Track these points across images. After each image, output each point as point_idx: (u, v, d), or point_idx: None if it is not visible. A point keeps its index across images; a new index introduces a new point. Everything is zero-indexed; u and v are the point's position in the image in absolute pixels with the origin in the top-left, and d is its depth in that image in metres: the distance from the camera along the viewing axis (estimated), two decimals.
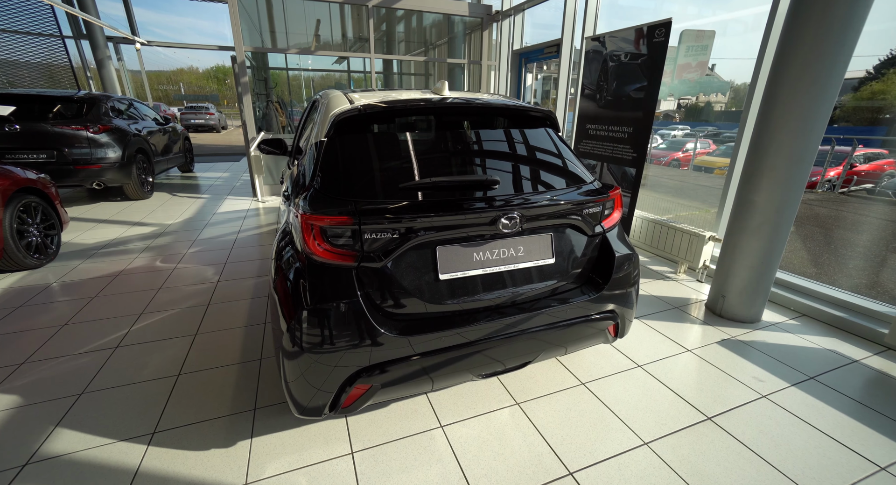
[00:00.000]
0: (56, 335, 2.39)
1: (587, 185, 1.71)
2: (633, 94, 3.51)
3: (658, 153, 14.87)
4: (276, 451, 1.60)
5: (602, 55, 3.83)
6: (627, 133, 3.60)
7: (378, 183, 1.41)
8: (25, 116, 4.71)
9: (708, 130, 17.64)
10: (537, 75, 6.89)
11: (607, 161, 3.88)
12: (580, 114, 4.22)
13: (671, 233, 3.51)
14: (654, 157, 14.73)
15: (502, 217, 1.40)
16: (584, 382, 2.06)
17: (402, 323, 1.38)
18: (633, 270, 1.79)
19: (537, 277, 1.59)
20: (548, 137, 1.81)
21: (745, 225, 2.58)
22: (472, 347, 1.46)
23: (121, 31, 8.64)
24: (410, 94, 1.82)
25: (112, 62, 9.25)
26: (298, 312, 1.29)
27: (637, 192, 3.56)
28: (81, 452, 1.58)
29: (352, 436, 1.69)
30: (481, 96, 1.91)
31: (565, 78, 5.12)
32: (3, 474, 1.48)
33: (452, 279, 1.44)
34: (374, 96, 1.72)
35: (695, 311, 2.82)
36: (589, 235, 1.69)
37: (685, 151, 14.39)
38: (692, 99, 36.49)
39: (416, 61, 9.56)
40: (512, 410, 1.86)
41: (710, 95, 31.05)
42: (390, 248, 1.33)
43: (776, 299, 2.93)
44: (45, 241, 3.43)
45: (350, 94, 1.81)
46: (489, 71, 7.00)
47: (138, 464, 1.53)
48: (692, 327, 2.60)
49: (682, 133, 16.90)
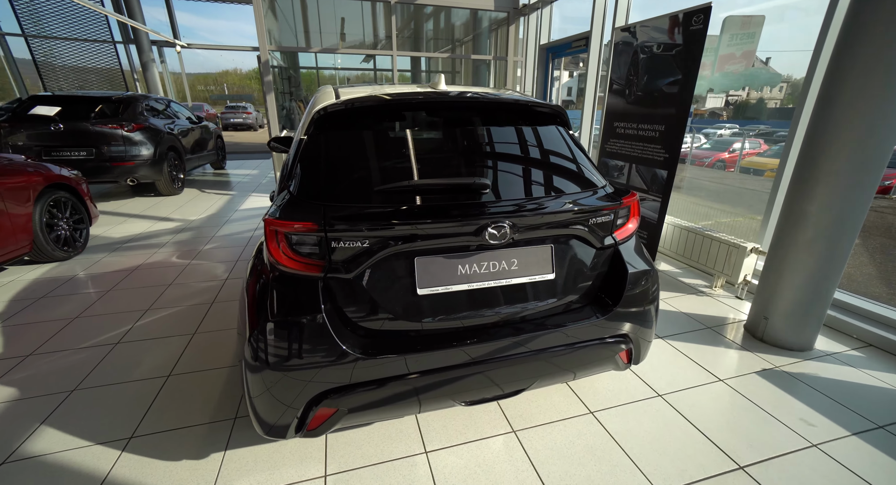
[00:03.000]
0: (65, 328, 2.44)
1: (598, 190, 1.49)
2: (665, 88, 3.18)
3: (700, 154, 13.93)
4: (248, 467, 1.51)
5: (632, 47, 3.51)
6: (658, 132, 3.28)
7: (355, 186, 1.27)
8: (69, 116, 4.99)
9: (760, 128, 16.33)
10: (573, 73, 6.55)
11: (636, 162, 3.57)
12: (608, 111, 3.92)
13: (707, 242, 3.16)
14: (696, 157, 13.81)
15: (490, 226, 1.22)
16: (593, 410, 1.83)
17: (374, 342, 1.23)
18: (650, 288, 1.55)
19: (534, 295, 1.39)
20: (556, 137, 1.61)
21: (794, 238, 2.23)
22: (455, 372, 1.29)
23: (163, 35, 9.10)
24: (406, 88, 1.67)
25: (156, 65, 9.76)
26: (260, 323, 1.18)
27: (668, 196, 3.24)
28: (58, 453, 1.55)
29: (329, 456, 1.57)
30: (482, 90, 1.73)
31: (594, 73, 4.80)
32: None
33: (433, 295, 1.27)
34: (363, 91, 1.58)
35: (731, 333, 2.50)
36: (597, 247, 1.47)
37: (732, 151, 13.38)
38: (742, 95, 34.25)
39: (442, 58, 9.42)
40: (507, 438, 1.67)
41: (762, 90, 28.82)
42: (361, 258, 1.19)
43: (835, 325, 2.55)
44: (74, 234, 3.59)
45: (340, 90, 1.69)
46: (515, 67, 6.74)
47: (108, 471, 1.48)
48: (726, 352, 2.29)
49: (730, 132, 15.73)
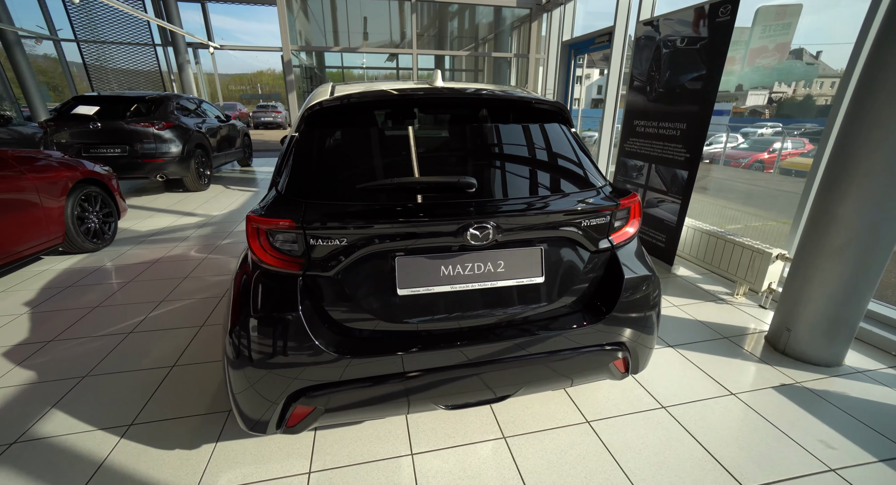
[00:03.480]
0: (86, 316, 2.58)
1: (595, 191, 1.41)
2: (688, 84, 3.02)
3: (737, 154, 13.22)
4: (236, 460, 1.53)
5: (655, 42, 3.36)
6: (680, 130, 3.12)
7: (339, 183, 1.26)
8: (106, 116, 5.29)
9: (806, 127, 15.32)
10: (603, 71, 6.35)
11: (655, 162, 3.41)
12: (627, 108, 3.76)
13: (729, 247, 2.98)
14: (731, 158, 13.13)
15: (472, 226, 1.18)
16: (590, 420, 1.75)
17: (352, 342, 1.22)
18: (650, 294, 1.47)
19: (522, 299, 1.34)
20: (555, 135, 1.54)
21: (822, 244, 2.06)
22: (436, 376, 1.26)
23: (198, 37, 9.50)
24: (402, 85, 1.65)
25: (190, 66, 10.21)
26: (240, 319, 1.19)
27: (688, 198, 3.07)
28: (63, 436, 1.63)
29: (315, 453, 1.57)
30: (483, 87, 1.68)
31: (616, 70, 4.62)
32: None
33: (414, 295, 1.25)
34: (359, 88, 1.57)
35: (750, 344, 2.34)
36: (592, 250, 1.39)
37: (772, 151, 12.62)
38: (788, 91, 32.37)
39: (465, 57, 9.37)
40: (496, 444, 1.63)
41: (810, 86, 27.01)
42: (340, 256, 1.17)
43: (870, 339, 2.34)
44: (103, 227, 3.79)
45: (338, 86, 1.69)
46: (537, 65, 6.60)
47: (106, 456, 1.54)
48: (742, 365, 2.15)
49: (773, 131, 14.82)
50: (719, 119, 17.65)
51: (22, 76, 10.21)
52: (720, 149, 12.72)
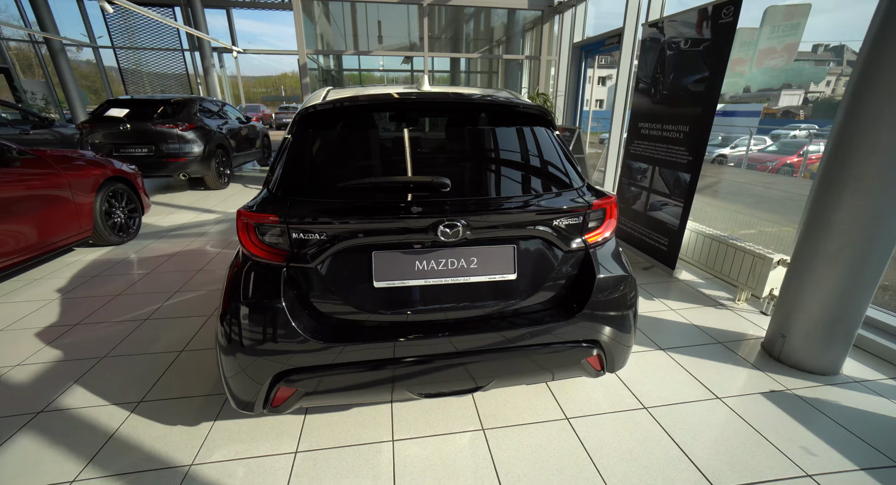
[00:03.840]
0: (109, 303, 2.79)
1: (570, 192, 1.46)
2: (691, 87, 3.00)
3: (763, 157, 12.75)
4: (231, 437, 1.66)
5: (660, 43, 3.34)
6: (683, 133, 3.10)
7: (322, 182, 1.36)
8: (135, 117, 5.63)
9: None
10: None
11: (659, 165, 3.39)
12: (633, 111, 3.75)
13: (730, 252, 2.94)
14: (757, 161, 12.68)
15: (442, 224, 1.26)
16: (569, 416, 1.80)
17: (331, 329, 1.31)
18: (625, 295, 1.50)
19: (494, 295, 1.40)
20: (536, 137, 1.59)
21: (817, 248, 2.03)
22: (410, 365, 1.34)
23: (222, 42, 9.91)
24: (391, 89, 1.74)
25: (215, 69, 10.66)
26: (230, 305, 1.31)
27: (691, 201, 3.05)
28: (81, 409, 1.80)
29: (303, 434, 1.68)
30: (470, 91, 1.76)
31: (626, 72, 4.60)
32: (22, 417, 1.75)
33: (389, 288, 1.33)
34: (350, 92, 1.67)
35: (744, 350, 2.32)
36: (565, 250, 1.45)
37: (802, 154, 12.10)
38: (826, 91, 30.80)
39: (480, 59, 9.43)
40: (474, 435, 1.69)
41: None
42: (320, 249, 1.27)
43: (870, 348, 2.28)
44: (128, 222, 4.05)
45: (333, 91, 1.79)
46: (549, 67, 6.60)
47: (116, 428, 1.69)
48: (733, 370, 2.13)
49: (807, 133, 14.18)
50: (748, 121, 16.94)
51: (65, 81, 10.91)
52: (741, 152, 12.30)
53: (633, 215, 3.76)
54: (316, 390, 1.33)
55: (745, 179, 9.16)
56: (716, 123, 2.93)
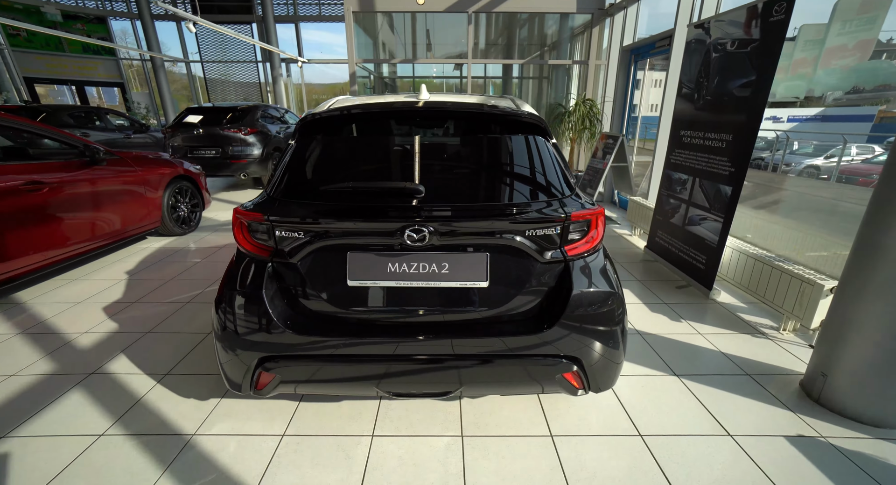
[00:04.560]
0: (162, 286, 3.18)
1: (552, 203, 1.43)
2: (736, 91, 2.75)
3: (862, 168, 11.11)
4: (231, 414, 1.82)
5: (705, 45, 3.10)
6: (725, 142, 2.85)
7: (309, 185, 1.47)
8: (208, 123, 6.34)
9: None
10: None
11: (699, 176, 3.14)
12: (674, 118, 3.51)
13: (776, 275, 2.63)
14: (853, 173, 11.08)
15: (409, 228, 1.30)
16: (555, 434, 1.73)
17: (305, 322, 1.40)
18: (609, 311, 1.43)
19: (465, 301, 1.41)
20: (527, 146, 1.58)
21: (866, 277, 1.76)
22: (378, 363, 1.39)
23: (288, 53, 10.83)
24: (391, 98, 1.82)
25: (282, 78, 11.66)
26: (223, 292, 1.45)
27: (731, 216, 2.79)
28: (121, 374, 2.08)
29: (293, 419, 1.80)
30: (465, 99, 1.78)
31: (676, 76, 4.29)
32: (78, 376, 2.06)
33: (362, 287, 1.40)
34: (353, 101, 1.78)
35: (777, 386, 2.06)
36: (542, 261, 1.41)
37: None
38: None
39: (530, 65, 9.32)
40: (452, 441, 1.70)
41: None
42: (298, 247, 1.37)
43: None
44: (190, 215, 4.58)
45: (339, 100, 1.91)
46: (597, 71, 6.36)
47: (143, 395, 1.94)
48: (757, 407, 1.91)
49: None
50: (858, 126, 14.60)
51: (162, 92, 12.58)
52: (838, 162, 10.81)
53: (671, 229, 3.51)
54: (291, 379, 1.43)
55: (832, 193, 8.05)
56: (810, 128, 2.63)
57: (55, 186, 2.97)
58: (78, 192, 3.16)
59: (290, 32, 13.18)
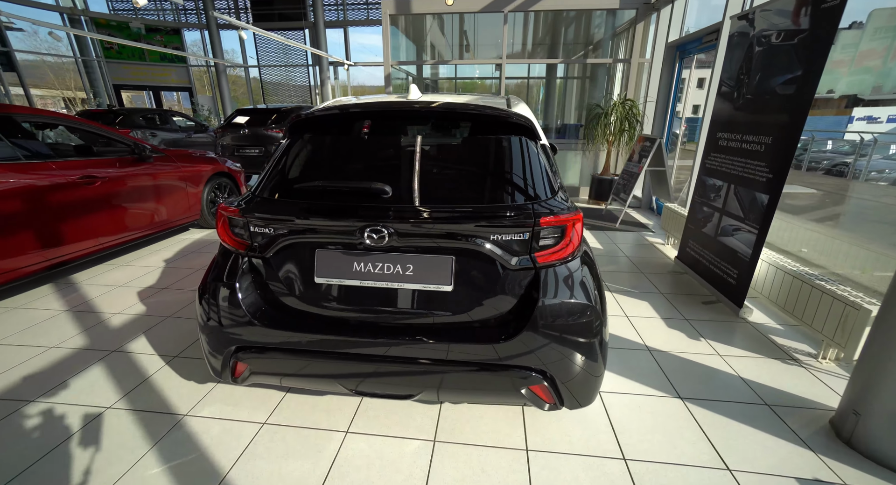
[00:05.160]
0: (191, 275, 3.44)
1: (524, 206, 1.36)
2: (779, 89, 2.47)
3: None
4: (222, 399, 1.93)
5: (748, 38, 2.82)
6: (764, 145, 2.57)
7: (287, 184, 1.51)
8: (253, 123, 6.79)
9: None
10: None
11: (735, 183, 2.86)
12: (712, 118, 3.22)
13: (815, 295, 2.32)
14: None
15: (368, 228, 1.29)
16: (531, 448, 1.65)
17: (274, 315, 1.45)
18: (584, 324, 1.34)
19: (428, 305, 1.38)
20: (508, 147, 1.52)
21: None
22: (341, 360, 1.41)
23: (335, 57, 11.30)
24: (380, 98, 1.83)
25: (329, 81, 12.21)
26: (205, 282, 1.54)
27: (767, 227, 2.51)
28: (138, 354, 2.28)
29: (276, 410, 1.86)
30: (454, 99, 1.75)
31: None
32: (102, 353, 2.28)
33: (328, 284, 1.42)
34: (342, 102, 1.81)
35: (799, 420, 1.82)
36: (510, 267, 1.35)
37: None
38: None
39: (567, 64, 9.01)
40: (423, 445, 1.67)
41: None
42: (269, 242, 1.42)
43: None
44: None
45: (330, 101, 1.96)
46: (640, 70, 6.00)
47: (151, 374, 2.10)
48: (769, 441, 1.70)
49: None
50: None
51: (223, 95, 13.64)
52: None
53: (703, 240, 3.23)
54: (260, 370, 1.48)
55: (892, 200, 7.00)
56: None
57: (106, 180, 3.32)
58: (126, 186, 3.51)
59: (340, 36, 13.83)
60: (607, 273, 3.50)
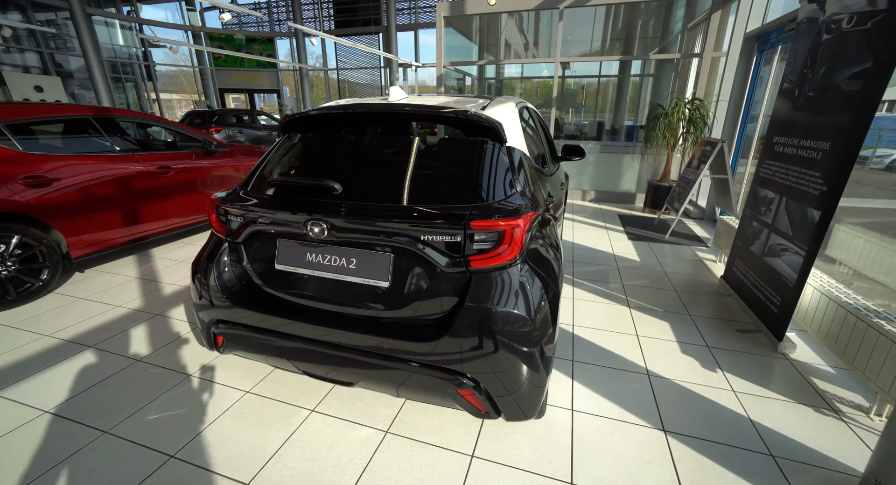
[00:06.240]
0: None
1: (464, 209, 1.34)
2: (844, 85, 2.08)
3: None
4: (222, 366, 2.18)
5: (817, 25, 2.40)
6: (821, 152, 2.18)
7: (262, 178, 1.67)
8: None
9: None
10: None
11: (787, 195, 2.46)
12: (771, 120, 2.80)
13: (872, 335, 1.91)
14: None
15: (309, 222, 1.39)
16: (477, 454, 1.63)
17: (242, 294, 1.61)
18: (513, 332, 1.29)
19: (367, 298, 1.44)
20: (473, 151, 1.51)
21: None
22: (291, 341, 1.52)
23: (404, 59, 11.78)
24: (361, 100, 1.91)
25: (398, 81, 12.78)
26: (197, 260, 1.76)
27: (816, 249, 2.13)
28: (173, 319, 2.67)
29: (263, 381, 2.06)
30: (431, 101, 1.77)
31: None
32: (149, 315, 2.72)
33: (286, 271, 1.54)
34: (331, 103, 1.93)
35: (806, 481, 1.54)
36: (443, 269, 1.34)
37: None
38: None
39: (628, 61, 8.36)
40: (374, 434, 1.73)
41: None
42: (240, 230, 1.59)
43: None
44: None
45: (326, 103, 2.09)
46: (715, 65, 5.34)
47: (175, 337, 2.45)
48: None
49: None
50: None
51: (304, 96, 15.00)
52: None
53: (749, 259, 2.83)
54: (231, 342, 1.66)
55: None
56: None
57: (179, 170, 3.90)
58: (194, 175, 4.08)
59: (412, 39, 14.43)
60: (633, 288, 3.22)
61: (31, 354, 2.26)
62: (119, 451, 1.63)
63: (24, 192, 2.82)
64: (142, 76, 14.31)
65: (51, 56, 11.92)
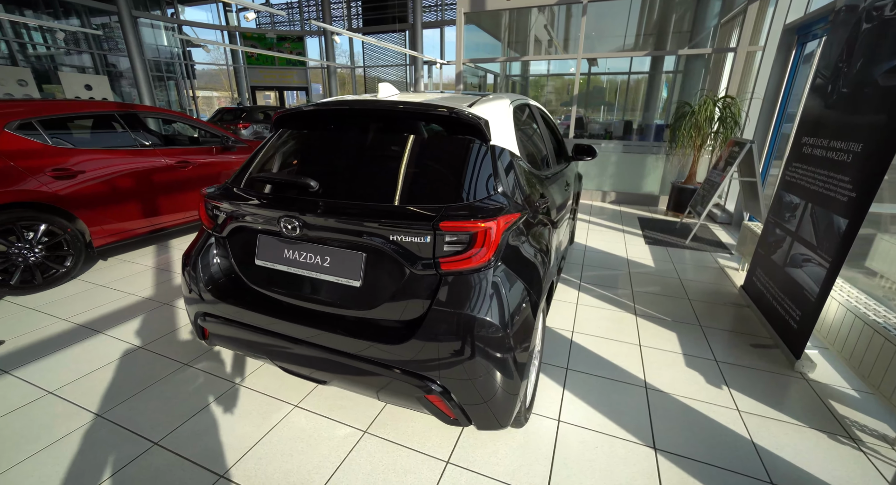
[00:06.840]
0: None
1: (434, 210, 1.29)
2: (881, 80, 1.88)
3: None
4: (215, 357, 2.23)
5: (856, 13, 2.18)
6: (851, 154, 1.99)
7: (245, 175, 1.67)
8: None
9: None
10: None
11: (813, 201, 2.26)
12: (801, 119, 2.59)
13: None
14: None
15: (283, 219, 1.38)
16: (452, 461, 1.58)
17: (224, 287, 1.63)
18: (483, 338, 1.24)
19: (340, 297, 1.42)
20: (455, 149, 1.46)
21: None
22: (267, 336, 1.53)
23: (429, 57, 11.78)
24: (354, 97, 1.89)
25: (423, 79, 12.81)
26: (187, 253, 1.80)
27: (841, 260, 1.95)
28: (179, 308, 2.77)
29: (252, 375, 2.09)
30: (416, 98, 1.73)
31: None
32: (159, 304, 2.83)
33: (265, 267, 1.55)
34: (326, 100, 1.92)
35: None
36: (411, 270, 1.30)
37: None
38: None
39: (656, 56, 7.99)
40: (352, 433, 1.73)
41: None
42: (224, 225, 1.61)
43: None
44: None
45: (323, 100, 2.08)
46: (751, 59, 5.01)
47: (178, 327, 2.54)
48: None
49: None
50: None
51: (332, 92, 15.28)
52: None
53: (770, 269, 2.63)
54: (215, 334, 1.69)
55: None
56: None
57: (197, 164, 4.05)
58: (212, 169, 4.22)
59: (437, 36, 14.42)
60: (643, 295, 3.07)
61: (46, 337, 2.40)
62: (108, 435, 1.69)
63: (51, 183, 3.00)
64: (182, 74, 15.09)
65: (102, 57, 12.76)
